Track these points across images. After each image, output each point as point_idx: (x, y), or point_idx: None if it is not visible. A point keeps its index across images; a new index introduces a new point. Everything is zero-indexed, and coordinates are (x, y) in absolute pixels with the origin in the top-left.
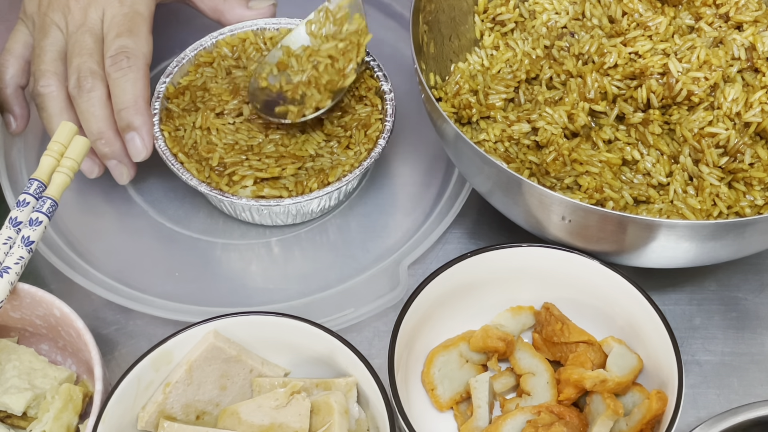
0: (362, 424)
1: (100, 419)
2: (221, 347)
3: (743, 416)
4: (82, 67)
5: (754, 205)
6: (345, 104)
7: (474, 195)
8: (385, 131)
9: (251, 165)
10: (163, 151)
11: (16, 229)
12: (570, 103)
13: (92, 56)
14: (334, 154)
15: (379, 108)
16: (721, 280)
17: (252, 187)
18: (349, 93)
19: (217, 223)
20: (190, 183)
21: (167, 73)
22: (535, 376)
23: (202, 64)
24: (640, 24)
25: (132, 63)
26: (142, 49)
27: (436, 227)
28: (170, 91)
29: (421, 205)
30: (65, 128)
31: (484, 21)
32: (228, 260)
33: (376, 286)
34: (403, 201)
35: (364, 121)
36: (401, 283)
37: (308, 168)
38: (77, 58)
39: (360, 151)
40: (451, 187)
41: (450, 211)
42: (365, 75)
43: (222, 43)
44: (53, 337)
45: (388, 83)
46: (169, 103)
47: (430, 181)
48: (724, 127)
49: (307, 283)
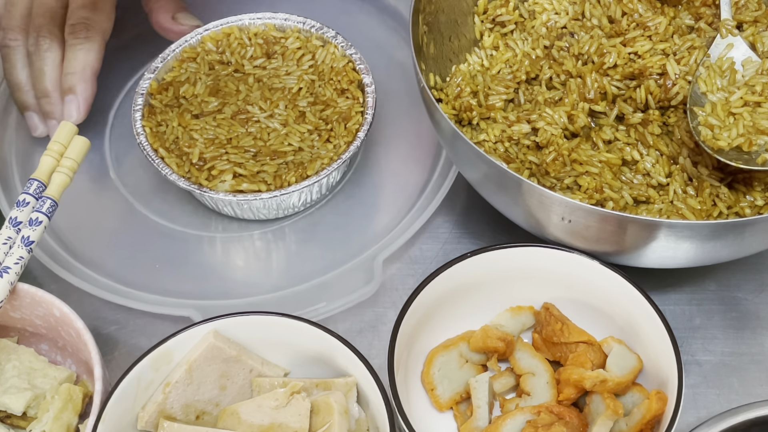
0: (362, 424)
1: (100, 419)
2: (221, 347)
3: (743, 416)
4: (42, 27)
5: (754, 206)
6: (327, 97)
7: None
8: (365, 124)
9: (230, 159)
10: (144, 147)
11: (15, 229)
12: (570, 103)
13: (54, 20)
14: (314, 147)
15: (360, 101)
16: (721, 280)
17: (231, 182)
18: (331, 86)
19: (202, 217)
20: (170, 178)
21: (152, 69)
22: (535, 376)
23: (186, 60)
24: (640, 24)
25: (90, 35)
26: (102, 24)
27: (412, 223)
28: (153, 87)
29: (403, 202)
30: (65, 128)
31: (484, 21)
32: (210, 253)
33: (350, 280)
34: (386, 196)
35: (344, 114)
36: (375, 278)
37: (288, 162)
38: (40, 19)
39: (339, 144)
40: (432, 184)
41: (428, 208)
42: (347, 68)
43: (207, 38)
44: (53, 337)
45: (369, 76)
46: (152, 99)
47: (414, 178)
48: None
49: (285, 276)
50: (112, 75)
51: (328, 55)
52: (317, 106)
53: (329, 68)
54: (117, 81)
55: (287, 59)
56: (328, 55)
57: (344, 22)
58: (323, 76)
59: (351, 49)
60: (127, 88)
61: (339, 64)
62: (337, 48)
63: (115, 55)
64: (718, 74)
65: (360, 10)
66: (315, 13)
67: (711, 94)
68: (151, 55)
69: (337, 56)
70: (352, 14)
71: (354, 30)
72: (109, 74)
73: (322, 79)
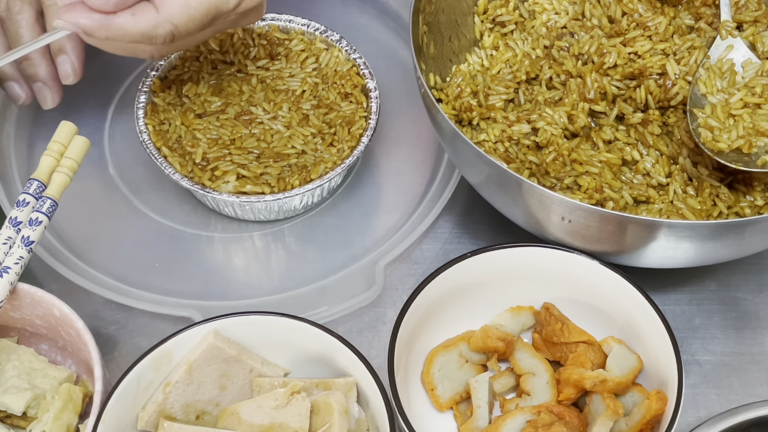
0: (362, 424)
1: (100, 419)
2: (221, 347)
3: (743, 416)
4: None
5: (754, 206)
6: (331, 101)
7: (474, 195)
8: (369, 129)
9: (233, 160)
10: (147, 145)
11: (16, 229)
12: (570, 103)
13: None
14: (317, 150)
15: (363, 105)
16: (721, 280)
17: (235, 183)
18: (335, 90)
19: (201, 216)
20: (173, 177)
21: (155, 67)
22: (535, 376)
23: (188, 58)
24: (640, 24)
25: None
26: None
27: (415, 228)
28: (156, 85)
29: (404, 206)
30: (65, 128)
31: (484, 21)
32: (210, 253)
33: (351, 284)
34: (387, 201)
35: (348, 118)
36: (376, 283)
37: (291, 165)
38: None
39: (343, 149)
40: (434, 188)
41: (430, 213)
42: (351, 72)
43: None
44: (53, 337)
45: (373, 81)
46: (155, 97)
47: (415, 181)
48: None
49: (285, 278)
50: (112, 71)
51: (332, 59)
52: (321, 110)
53: (333, 72)
54: (116, 77)
55: (291, 61)
56: (332, 58)
57: (344, 23)
58: (327, 80)
59: (355, 53)
60: (126, 84)
61: (343, 68)
62: (341, 51)
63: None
64: (718, 76)
65: (360, 11)
66: (315, 12)
67: (711, 95)
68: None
69: (341, 60)
70: (352, 15)
71: (354, 30)
72: (109, 70)
73: (325, 83)
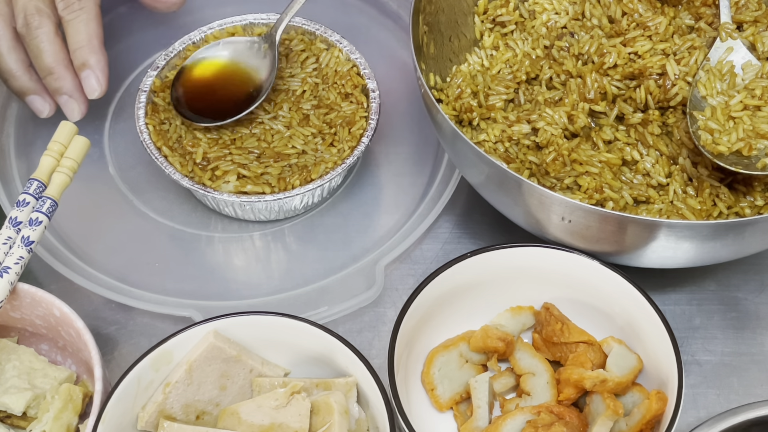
0: (362, 424)
1: (100, 419)
2: (221, 347)
3: (743, 416)
4: (27, 6)
5: (754, 206)
6: (331, 101)
7: (474, 195)
8: (369, 129)
9: (234, 160)
10: (147, 145)
11: (16, 229)
12: (570, 103)
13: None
14: (318, 150)
15: (364, 106)
16: (721, 280)
17: (235, 183)
18: (335, 90)
19: (201, 216)
20: (173, 177)
21: (155, 67)
22: (535, 376)
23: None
24: (640, 24)
25: (83, 5)
26: None
27: (415, 228)
28: (157, 84)
29: (404, 206)
30: (65, 128)
31: (484, 21)
32: (210, 253)
33: (352, 285)
34: (387, 201)
35: (348, 119)
36: (377, 283)
37: (292, 165)
38: (23, 0)
39: (343, 149)
40: (434, 189)
41: (430, 213)
42: (351, 72)
43: (210, 37)
44: (53, 337)
45: (373, 81)
46: (155, 97)
47: (415, 182)
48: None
49: (285, 278)
50: (111, 71)
51: (333, 59)
52: (321, 110)
53: (333, 72)
54: (116, 77)
55: (291, 61)
56: (332, 58)
57: (344, 23)
58: (327, 80)
59: (355, 54)
60: (126, 84)
61: (343, 68)
62: (341, 52)
63: (114, 52)
64: (718, 78)
65: (360, 11)
66: (315, 12)
67: (711, 98)
68: (151, 52)
69: (341, 60)
70: (352, 15)
71: (354, 30)
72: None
73: (326, 83)
